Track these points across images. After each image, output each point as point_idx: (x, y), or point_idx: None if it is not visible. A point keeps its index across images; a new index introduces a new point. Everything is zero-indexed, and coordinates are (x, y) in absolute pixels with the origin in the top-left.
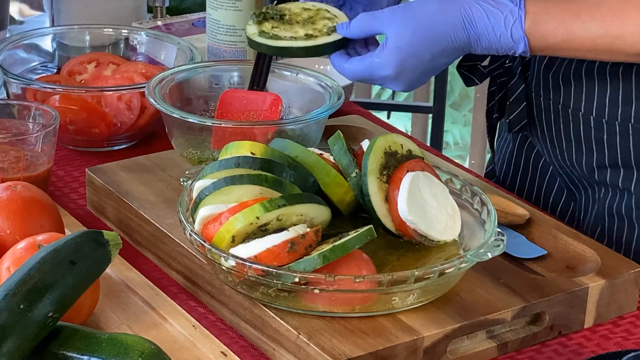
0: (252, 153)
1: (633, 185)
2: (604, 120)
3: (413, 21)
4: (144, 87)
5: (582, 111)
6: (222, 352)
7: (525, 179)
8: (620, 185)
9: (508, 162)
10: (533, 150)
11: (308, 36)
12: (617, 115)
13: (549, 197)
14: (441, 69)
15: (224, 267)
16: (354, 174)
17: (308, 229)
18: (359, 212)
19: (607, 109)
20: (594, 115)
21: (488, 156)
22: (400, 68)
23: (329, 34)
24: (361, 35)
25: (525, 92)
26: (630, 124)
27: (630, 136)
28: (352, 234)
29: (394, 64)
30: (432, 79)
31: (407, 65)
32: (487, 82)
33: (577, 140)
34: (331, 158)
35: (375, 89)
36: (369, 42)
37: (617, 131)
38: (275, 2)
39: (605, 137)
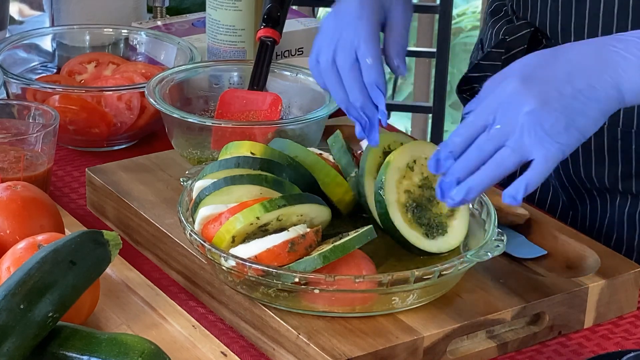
0: (252, 153)
1: None
2: (632, 130)
3: None
4: (144, 87)
5: (607, 124)
6: (222, 352)
7: None
8: None
9: None
10: None
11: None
12: None
13: (545, 200)
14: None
15: (224, 267)
16: (353, 174)
17: (308, 229)
18: (359, 212)
19: (635, 120)
20: (620, 127)
21: None
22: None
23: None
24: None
25: None
26: None
27: None
28: (352, 234)
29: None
30: (432, 79)
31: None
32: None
33: (598, 153)
34: (331, 158)
35: None
36: None
37: None
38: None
39: (634, 147)
